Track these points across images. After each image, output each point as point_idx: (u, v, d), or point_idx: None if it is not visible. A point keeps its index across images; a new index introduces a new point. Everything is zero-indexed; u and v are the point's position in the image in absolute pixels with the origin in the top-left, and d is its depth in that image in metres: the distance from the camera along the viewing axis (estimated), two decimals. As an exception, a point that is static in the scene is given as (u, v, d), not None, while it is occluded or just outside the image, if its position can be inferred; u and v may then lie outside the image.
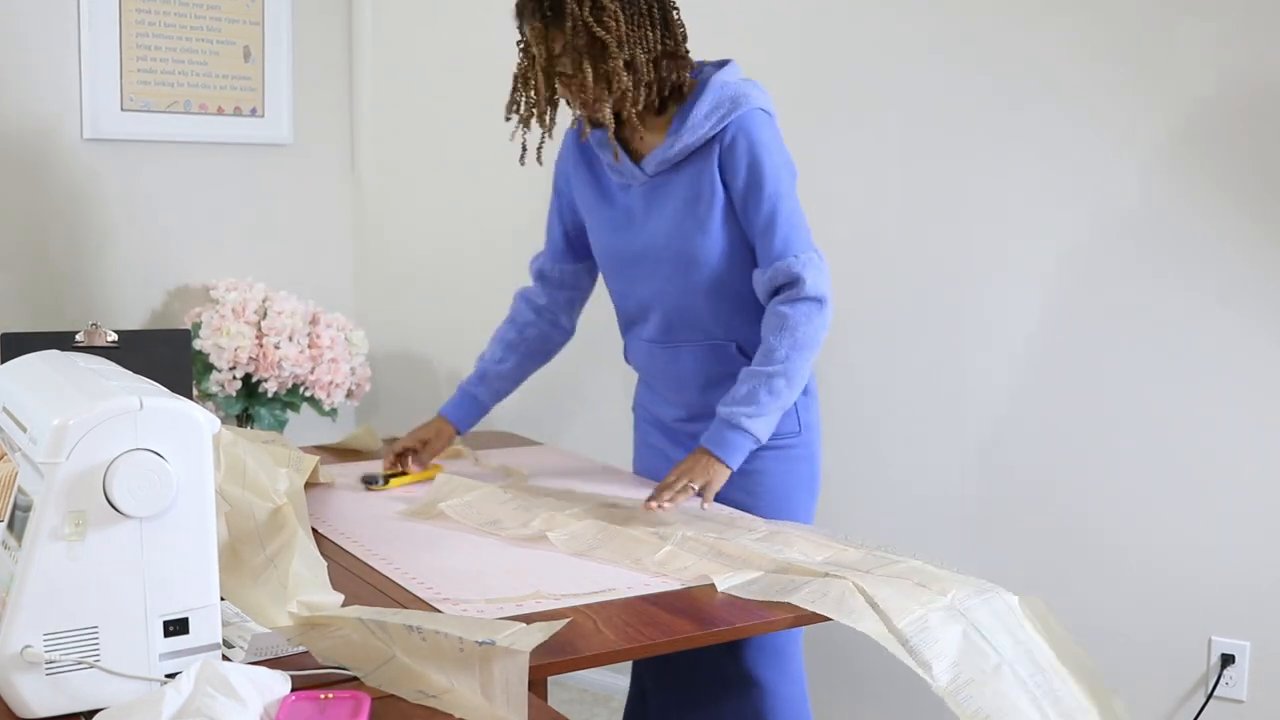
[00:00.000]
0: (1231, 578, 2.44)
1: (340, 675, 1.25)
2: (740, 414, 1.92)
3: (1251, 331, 2.39)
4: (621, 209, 2.05)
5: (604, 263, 2.14)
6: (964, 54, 2.60)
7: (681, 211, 1.97)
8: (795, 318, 1.92)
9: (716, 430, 1.93)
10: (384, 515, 1.92)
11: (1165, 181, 2.44)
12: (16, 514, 1.18)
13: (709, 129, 1.92)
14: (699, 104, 1.92)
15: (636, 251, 2.04)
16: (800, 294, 1.92)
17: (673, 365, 2.09)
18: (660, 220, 1.99)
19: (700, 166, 1.95)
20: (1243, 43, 2.34)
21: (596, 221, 2.11)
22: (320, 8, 3.25)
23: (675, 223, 1.97)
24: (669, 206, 1.98)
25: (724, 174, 1.94)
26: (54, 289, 2.88)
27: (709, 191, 1.94)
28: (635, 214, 2.03)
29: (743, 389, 1.93)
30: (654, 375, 2.16)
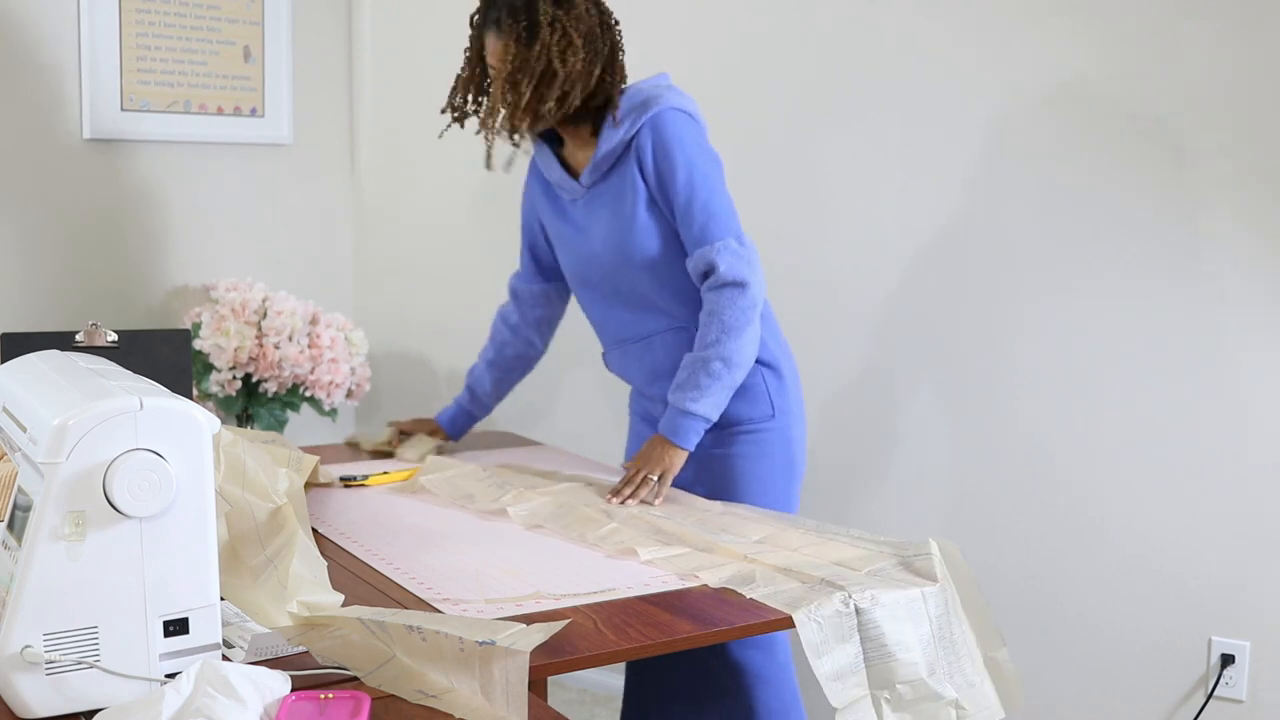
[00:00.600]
0: (1231, 578, 2.44)
1: (340, 675, 1.25)
2: (684, 399, 2.03)
3: (1251, 331, 2.39)
4: (571, 223, 2.18)
5: (568, 277, 2.26)
6: (964, 55, 2.61)
7: (611, 214, 2.09)
8: (719, 303, 2.02)
9: (669, 418, 2.05)
10: (384, 515, 1.92)
11: (1165, 182, 2.44)
12: (16, 514, 1.18)
13: (623, 133, 2.04)
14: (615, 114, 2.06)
15: (585, 259, 2.16)
16: (718, 280, 2.01)
17: (646, 359, 2.18)
18: (597, 226, 2.12)
19: (623, 170, 2.07)
20: (1242, 43, 2.34)
21: (555, 238, 2.24)
22: (320, 8, 3.25)
23: (608, 226, 2.10)
24: (603, 212, 2.11)
25: (640, 170, 2.06)
26: (54, 289, 2.88)
27: (630, 190, 2.06)
28: (580, 225, 2.16)
29: (683, 375, 2.04)
30: (634, 375, 2.25)
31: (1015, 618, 2.66)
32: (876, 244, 2.73)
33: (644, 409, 2.29)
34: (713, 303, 2.02)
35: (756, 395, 2.12)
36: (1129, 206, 2.47)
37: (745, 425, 2.12)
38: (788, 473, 2.17)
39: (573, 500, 1.96)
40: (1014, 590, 2.66)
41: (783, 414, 2.15)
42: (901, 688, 1.51)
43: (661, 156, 2.03)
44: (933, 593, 1.57)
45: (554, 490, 2.02)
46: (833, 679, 1.48)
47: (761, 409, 2.12)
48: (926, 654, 1.54)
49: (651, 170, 2.04)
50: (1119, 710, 2.56)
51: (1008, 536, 2.65)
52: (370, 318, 3.33)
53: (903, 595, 1.55)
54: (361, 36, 3.31)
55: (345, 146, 3.35)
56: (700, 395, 2.01)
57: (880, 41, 2.69)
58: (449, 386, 3.31)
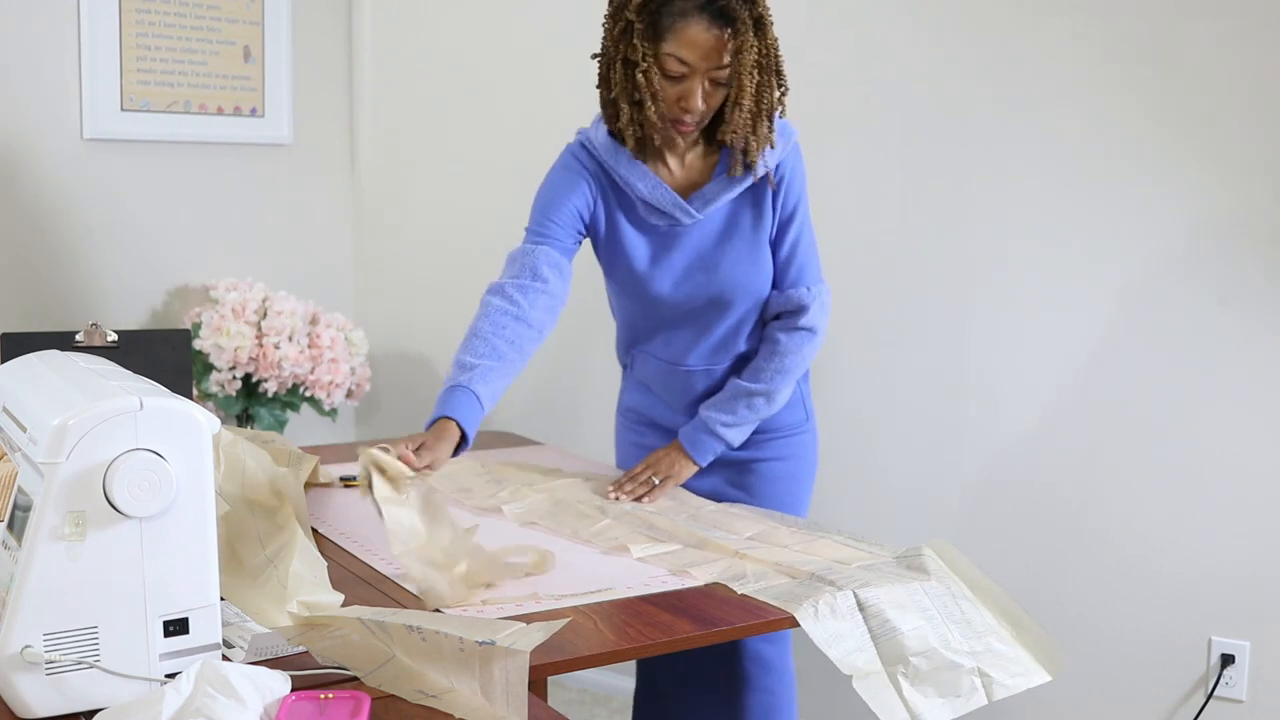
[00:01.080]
0: (1231, 578, 2.44)
1: (340, 675, 1.25)
2: (719, 420, 2.02)
3: (1251, 331, 2.39)
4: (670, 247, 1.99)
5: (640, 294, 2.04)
6: (967, 57, 2.60)
7: (748, 243, 1.98)
8: (788, 345, 2.01)
9: (694, 430, 2.04)
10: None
11: (1165, 182, 2.44)
12: (16, 514, 1.18)
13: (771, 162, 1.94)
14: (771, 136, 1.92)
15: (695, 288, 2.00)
16: (799, 324, 2.01)
17: (687, 381, 2.11)
18: (731, 257, 1.98)
19: (755, 198, 1.97)
20: (1245, 43, 2.34)
21: (634, 256, 2.01)
22: (320, 8, 3.25)
23: (746, 257, 1.98)
24: (736, 241, 1.98)
25: (775, 198, 1.97)
26: (54, 289, 2.88)
27: (766, 218, 1.98)
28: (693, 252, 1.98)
29: (726, 398, 2.03)
30: (663, 388, 2.16)
31: (1015, 618, 2.66)
32: (877, 247, 2.73)
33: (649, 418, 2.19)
34: (784, 342, 2.01)
35: (794, 401, 2.12)
36: (1128, 206, 2.47)
37: (786, 429, 2.12)
38: (813, 471, 2.21)
39: (568, 497, 1.97)
40: (1014, 590, 2.64)
41: (812, 417, 2.19)
42: (916, 660, 1.48)
43: (795, 193, 1.98)
44: (931, 587, 1.57)
45: (550, 487, 2.02)
46: (844, 657, 1.46)
47: (797, 414, 2.14)
48: (937, 630, 1.52)
49: (787, 207, 1.97)
50: (1119, 710, 2.56)
51: (1008, 536, 2.65)
52: (370, 318, 3.33)
53: (902, 588, 1.54)
54: (361, 36, 3.31)
55: (345, 146, 3.35)
56: (735, 423, 2.02)
57: (881, 44, 2.70)
58: (449, 386, 3.31)
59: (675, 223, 1.97)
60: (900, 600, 1.53)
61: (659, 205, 1.95)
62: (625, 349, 2.21)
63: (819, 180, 2.77)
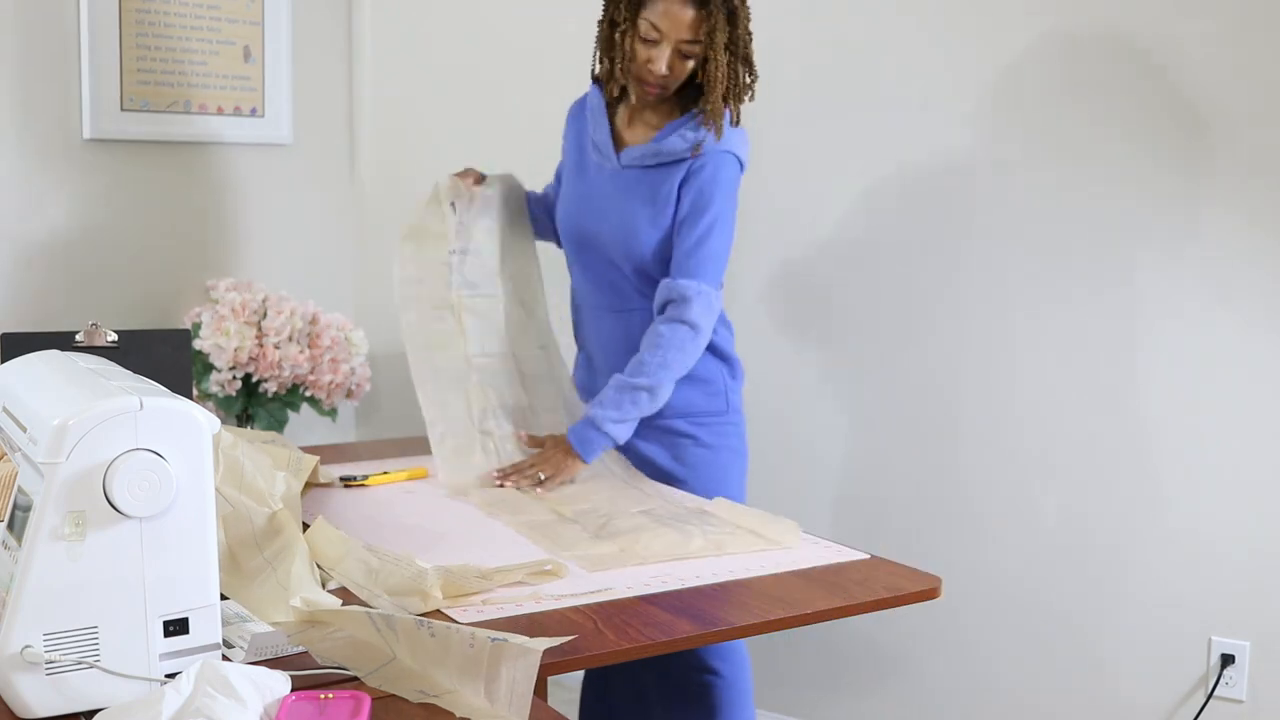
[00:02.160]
0: (1231, 578, 2.44)
1: (340, 675, 1.25)
2: (606, 418, 2.09)
3: (1251, 331, 2.39)
4: (593, 187, 2.23)
5: (562, 228, 2.30)
6: (964, 53, 2.61)
7: (640, 210, 2.14)
8: (670, 339, 2.09)
9: (583, 428, 2.10)
10: (384, 515, 1.92)
11: (1165, 181, 2.44)
12: (16, 514, 1.18)
13: (686, 147, 2.10)
14: (691, 124, 2.11)
15: (591, 230, 2.22)
16: (681, 315, 2.09)
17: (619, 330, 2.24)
18: (617, 208, 2.17)
19: (668, 175, 2.13)
20: (1242, 43, 2.34)
21: (569, 190, 2.29)
22: (320, 8, 3.25)
23: (632, 218, 2.15)
24: (630, 199, 2.16)
25: (681, 190, 2.11)
26: (54, 289, 2.88)
27: (667, 198, 2.12)
28: (597, 193, 2.21)
29: (611, 394, 2.10)
30: (601, 344, 2.29)
31: (1015, 617, 2.66)
32: (868, 243, 2.73)
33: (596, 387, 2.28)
34: (665, 335, 2.08)
35: (714, 390, 2.23)
36: (1127, 206, 2.47)
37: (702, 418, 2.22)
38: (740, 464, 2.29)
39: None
40: (1014, 589, 2.66)
41: (735, 411, 2.27)
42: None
43: (704, 193, 2.10)
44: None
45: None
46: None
47: (717, 404, 2.24)
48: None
49: (690, 200, 2.10)
50: (1119, 710, 2.56)
51: (1008, 536, 2.65)
52: (370, 318, 3.33)
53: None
54: (362, 36, 3.31)
55: (345, 146, 3.35)
56: (620, 418, 2.09)
57: (880, 40, 2.70)
58: (449, 386, 3.30)
59: (604, 164, 2.20)
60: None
61: (599, 146, 2.20)
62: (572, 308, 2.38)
63: (807, 174, 2.78)
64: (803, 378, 2.82)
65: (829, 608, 1.56)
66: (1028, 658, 2.65)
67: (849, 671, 2.85)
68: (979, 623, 2.69)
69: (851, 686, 2.86)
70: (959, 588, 2.64)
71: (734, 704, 2.21)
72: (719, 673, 2.20)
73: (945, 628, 2.72)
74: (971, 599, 2.68)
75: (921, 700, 2.78)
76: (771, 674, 2.86)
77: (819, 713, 2.89)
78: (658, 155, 2.12)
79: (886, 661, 2.81)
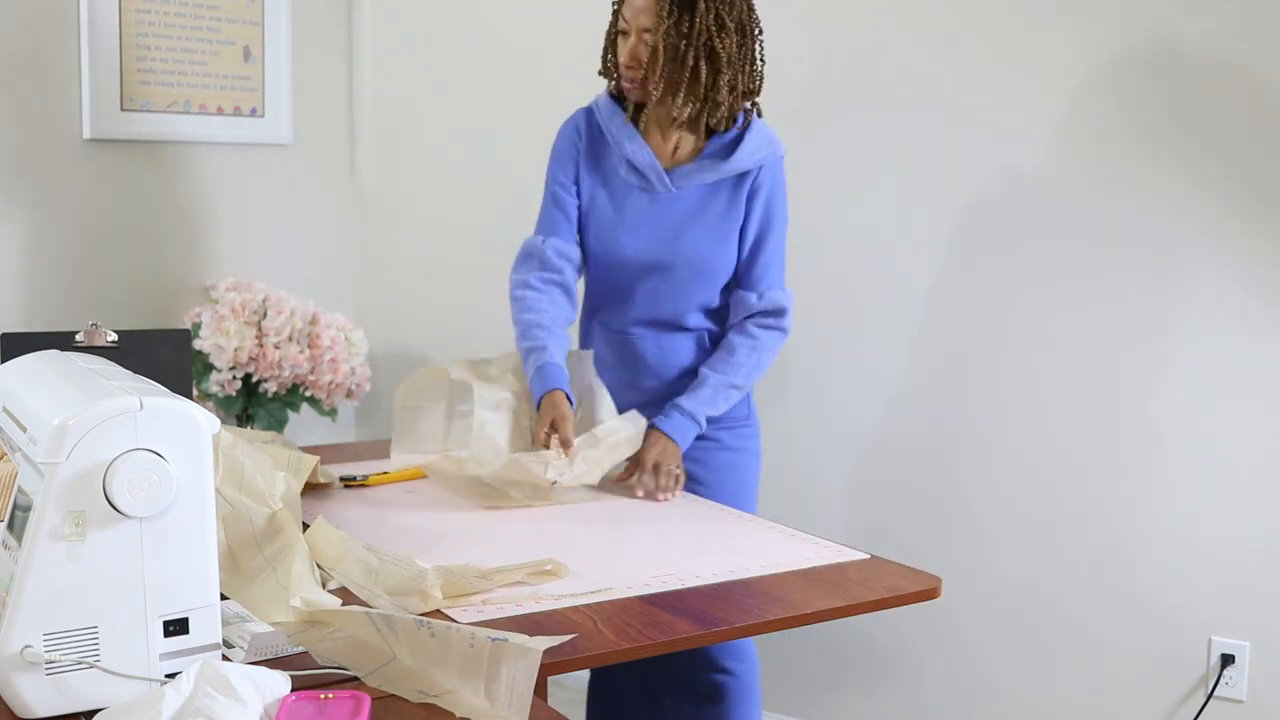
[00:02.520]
0: (1231, 578, 2.44)
1: (340, 675, 1.25)
2: (703, 409, 2.15)
3: (1251, 331, 2.39)
4: (639, 212, 2.19)
5: (604, 255, 2.23)
6: (964, 53, 2.60)
7: (715, 229, 2.16)
8: (767, 343, 2.18)
9: (680, 420, 2.14)
10: (384, 515, 1.92)
11: (1165, 180, 2.44)
12: (16, 514, 1.18)
13: (753, 163, 2.14)
14: (748, 140, 2.14)
15: (655, 254, 2.18)
16: (778, 324, 2.19)
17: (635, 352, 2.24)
18: (694, 233, 2.16)
19: (733, 192, 2.16)
20: (1241, 44, 2.34)
21: (603, 217, 2.22)
22: (320, 8, 3.25)
23: (709, 238, 2.16)
24: (693, 216, 2.16)
25: (750, 202, 2.16)
26: (54, 289, 2.88)
27: (732, 211, 2.16)
28: (661, 220, 2.17)
29: (708, 390, 2.16)
30: (616, 361, 2.28)
31: (1016, 617, 2.66)
32: (876, 247, 2.73)
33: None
34: (760, 338, 2.18)
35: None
36: (1128, 207, 2.48)
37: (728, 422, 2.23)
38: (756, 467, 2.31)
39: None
40: (1015, 589, 2.66)
41: (754, 415, 2.31)
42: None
43: (774, 205, 2.17)
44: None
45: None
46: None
47: (741, 410, 2.27)
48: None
49: (760, 212, 2.16)
50: (1119, 710, 2.56)
51: (1008, 536, 2.65)
52: (370, 318, 3.33)
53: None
54: (362, 36, 3.31)
55: (345, 146, 3.35)
56: (713, 412, 2.16)
57: (880, 40, 2.70)
58: (449, 386, 3.30)
59: (650, 188, 2.17)
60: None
61: (639, 167, 2.16)
62: (585, 324, 2.34)
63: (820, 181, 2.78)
64: (802, 378, 2.82)
65: (829, 608, 1.56)
66: (1028, 658, 2.65)
67: (849, 671, 2.85)
68: (979, 623, 2.69)
69: (851, 686, 2.86)
70: (959, 588, 2.64)
71: (745, 704, 2.21)
72: (732, 672, 2.19)
73: (945, 628, 2.72)
74: (971, 599, 2.68)
75: (921, 700, 2.78)
76: (771, 674, 2.86)
77: (819, 713, 2.89)
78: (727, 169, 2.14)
79: (886, 661, 2.81)
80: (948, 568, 2.49)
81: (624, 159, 2.18)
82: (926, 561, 1.95)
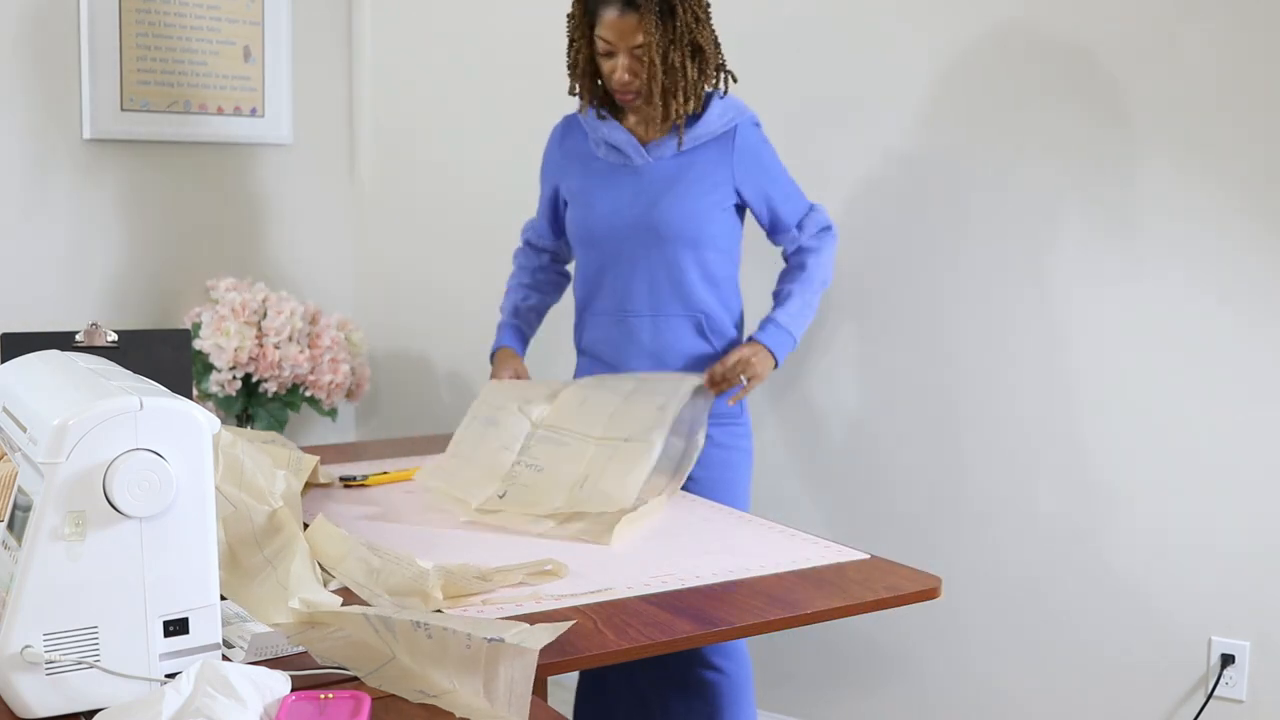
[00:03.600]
0: (1231, 577, 2.44)
1: (341, 675, 1.25)
2: (797, 322, 2.26)
3: (1251, 331, 2.39)
4: (626, 188, 2.26)
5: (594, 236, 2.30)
6: (964, 53, 2.60)
7: (694, 189, 2.24)
8: (827, 249, 2.32)
9: (776, 332, 2.24)
10: (384, 515, 1.92)
11: (1165, 179, 2.44)
12: (16, 514, 1.18)
13: (723, 125, 2.23)
14: (713, 105, 2.23)
15: (638, 219, 2.24)
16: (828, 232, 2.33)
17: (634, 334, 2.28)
18: (674, 193, 2.22)
19: (710, 153, 2.23)
20: (1243, 41, 2.34)
21: (594, 199, 2.29)
22: (320, 7, 3.25)
23: (689, 197, 2.22)
24: (674, 184, 2.23)
25: (737, 169, 2.24)
26: (54, 289, 2.88)
27: (716, 172, 2.23)
28: (646, 194, 2.24)
29: (798, 300, 2.27)
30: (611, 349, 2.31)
31: (1016, 617, 2.66)
32: (867, 243, 2.73)
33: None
34: (820, 247, 2.30)
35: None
36: (1128, 205, 2.47)
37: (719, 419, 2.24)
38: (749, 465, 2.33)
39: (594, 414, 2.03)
40: (1015, 589, 2.66)
41: (745, 413, 2.32)
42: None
43: (763, 150, 2.27)
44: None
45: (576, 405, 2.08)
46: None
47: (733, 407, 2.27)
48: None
49: (751, 161, 2.25)
50: (1119, 710, 2.56)
51: (1008, 536, 2.65)
52: (370, 318, 3.33)
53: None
54: (361, 36, 3.31)
55: (345, 146, 3.35)
56: (803, 324, 2.27)
57: (880, 43, 2.70)
58: (449, 386, 3.31)
59: (629, 161, 2.25)
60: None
61: (617, 145, 2.25)
62: (579, 318, 2.37)
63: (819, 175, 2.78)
64: (802, 378, 2.82)
65: (829, 607, 1.56)
66: (1027, 658, 2.65)
67: (849, 671, 2.85)
68: (979, 623, 2.69)
69: (851, 686, 2.86)
70: (959, 588, 2.64)
71: (736, 701, 2.22)
72: (721, 669, 2.21)
73: (945, 628, 2.72)
74: (971, 599, 2.68)
75: (921, 700, 2.78)
76: (772, 674, 2.86)
77: (819, 713, 2.89)
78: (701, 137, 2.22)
79: (886, 661, 2.81)
80: (948, 568, 2.49)
81: (601, 141, 2.27)
82: (926, 561, 1.95)
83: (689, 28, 2.15)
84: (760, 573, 1.67)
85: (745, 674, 2.25)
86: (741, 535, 1.87)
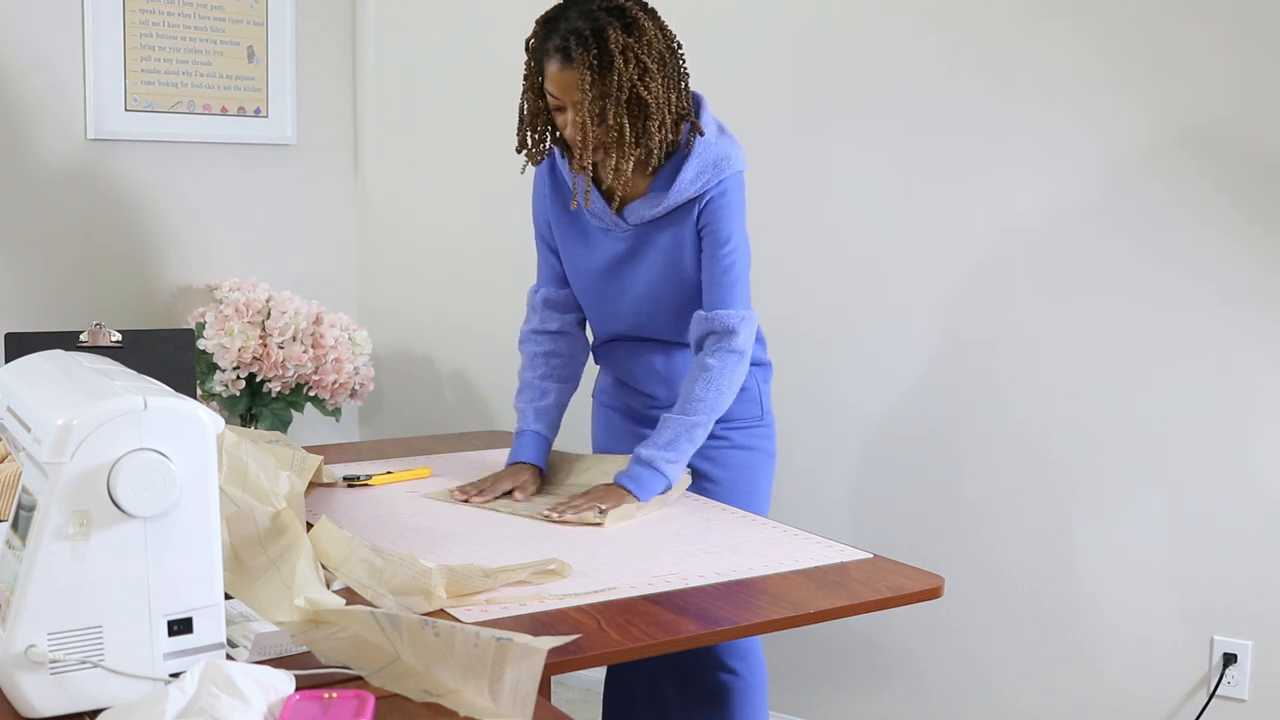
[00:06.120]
0: (1233, 577, 2.44)
1: (344, 674, 1.25)
2: (661, 458, 2.02)
3: (1250, 331, 2.39)
4: (605, 251, 2.15)
5: (582, 292, 2.23)
6: (964, 54, 2.60)
7: (665, 262, 2.10)
8: (721, 370, 2.05)
9: (635, 472, 2.02)
10: (387, 515, 1.92)
11: (1166, 179, 2.44)
12: (21, 514, 1.18)
13: (695, 190, 2.03)
14: (688, 167, 2.02)
15: (620, 290, 2.16)
16: (729, 346, 2.05)
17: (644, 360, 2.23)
18: (647, 267, 2.11)
19: (682, 220, 2.07)
20: (1242, 42, 2.34)
21: (575, 259, 2.20)
22: (324, 8, 3.26)
23: (660, 272, 2.10)
24: (655, 257, 2.10)
25: (700, 226, 2.06)
26: (58, 289, 2.89)
27: (688, 240, 2.07)
28: (620, 259, 2.14)
29: (665, 435, 2.04)
30: (626, 371, 2.27)
31: (1017, 616, 2.66)
32: (868, 244, 2.73)
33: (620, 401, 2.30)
34: (716, 368, 2.04)
35: (750, 397, 2.20)
36: (1128, 205, 2.47)
37: (738, 423, 2.19)
38: (770, 469, 2.26)
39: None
40: (1015, 589, 2.66)
41: (769, 415, 2.25)
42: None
43: (724, 224, 2.05)
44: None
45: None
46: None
47: (753, 410, 2.22)
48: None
49: (712, 232, 2.05)
50: (1121, 709, 2.56)
51: (1010, 535, 2.65)
52: (374, 317, 3.34)
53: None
54: (365, 36, 3.32)
55: (349, 146, 3.35)
56: (677, 459, 2.03)
57: (880, 43, 2.70)
58: (452, 386, 3.31)
59: (607, 227, 2.12)
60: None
61: (598, 214, 2.11)
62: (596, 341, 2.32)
63: (827, 183, 2.78)
64: (806, 379, 2.82)
65: (831, 607, 1.56)
66: (1028, 657, 2.65)
67: (849, 671, 2.86)
68: (979, 623, 2.69)
69: (851, 686, 2.86)
70: (959, 588, 2.64)
71: (750, 704, 2.21)
72: (737, 672, 2.19)
73: (945, 628, 2.72)
74: (971, 599, 2.68)
75: (921, 700, 2.78)
76: (772, 674, 2.86)
77: (819, 713, 2.89)
78: (669, 206, 2.05)
79: (886, 661, 2.81)
80: (948, 568, 2.49)
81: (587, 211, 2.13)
82: (927, 561, 1.95)
83: (630, 82, 1.92)
84: (763, 572, 1.67)
85: (760, 676, 2.24)
86: (744, 535, 1.87)
